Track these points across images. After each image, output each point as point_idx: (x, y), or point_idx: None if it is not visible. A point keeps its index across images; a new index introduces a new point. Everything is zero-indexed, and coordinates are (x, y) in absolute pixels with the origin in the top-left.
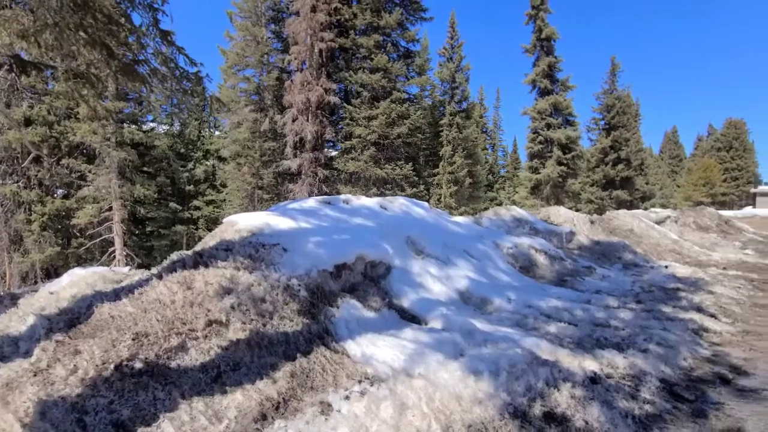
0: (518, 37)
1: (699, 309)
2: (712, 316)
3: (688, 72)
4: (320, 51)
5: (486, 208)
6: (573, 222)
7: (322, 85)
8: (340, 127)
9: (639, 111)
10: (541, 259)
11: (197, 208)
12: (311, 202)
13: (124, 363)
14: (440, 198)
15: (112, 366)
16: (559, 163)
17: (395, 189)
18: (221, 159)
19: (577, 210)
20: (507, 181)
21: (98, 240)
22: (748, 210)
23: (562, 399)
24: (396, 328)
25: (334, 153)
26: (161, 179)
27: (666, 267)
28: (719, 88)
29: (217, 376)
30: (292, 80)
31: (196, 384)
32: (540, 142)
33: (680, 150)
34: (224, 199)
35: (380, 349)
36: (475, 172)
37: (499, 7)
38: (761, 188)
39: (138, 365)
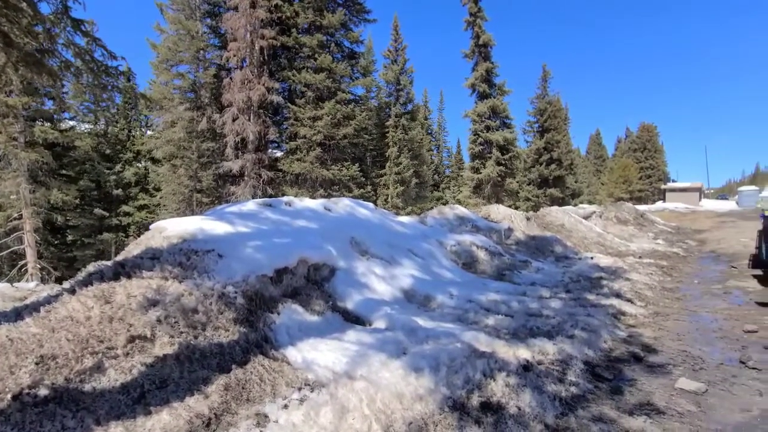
0: (459, 43)
1: (618, 295)
2: (629, 300)
3: (609, 79)
4: (261, 48)
5: (432, 208)
6: (511, 219)
7: (264, 84)
8: (284, 127)
9: (568, 115)
10: (482, 255)
11: (127, 214)
12: (251, 205)
13: (25, 391)
14: (387, 198)
15: (9, 396)
16: (498, 164)
17: (342, 190)
18: (154, 160)
19: (516, 207)
20: (452, 181)
21: (6, 252)
22: (659, 204)
23: (498, 388)
24: (339, 330)
25: (279, 154)
26: (84, 183)
27: (591, 258)
28: (635, 94)
29: (140, 397)
30: (231, 78)
31: (115, 407)
32: (480, 144)
33: (603, 151)
34: (159, 204)
35: (322, 354)
36: (421, 173)
37: (440, 13)
38: (670, 185)
39: (43, 392)
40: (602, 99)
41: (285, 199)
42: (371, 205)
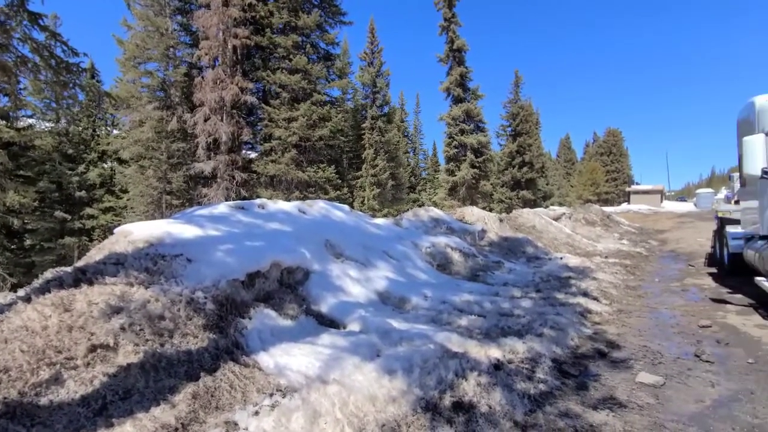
0: (435, 47)
1: (585, 294)
2: (595, 299)
3: (578, 85)
4: (234, 48)
5: (408, 210)
6: (484, 221)
7: (237, 84)
8: (258, 128)
9: (539, 119)
10: (456, 256)
11: (92, 217)
12: (222, 208)
13: None
14: (364, 200)
15: None
16: (473, 166)
17: (318, 192)
18: (121, 161)
19: (490, 209)
20: (428, 183)
21: None
22: (624, 206)
23: (470, 387)
24: (313, 334)
25: (253, 155)
26: (44, 184)
27: (561, 258)
28: (603, 100)
29: (101, 409)
30: (203, 77)
31: (74, 420)
32: (455, 147)
33: (572, 154)
34: (126, 206)
35: (295, 358)
36: (397, 175)
37: (416, 17)
38: (634, 187)
39: None
40: (571, 105)
41: (258, 201)
42: (346, 207)
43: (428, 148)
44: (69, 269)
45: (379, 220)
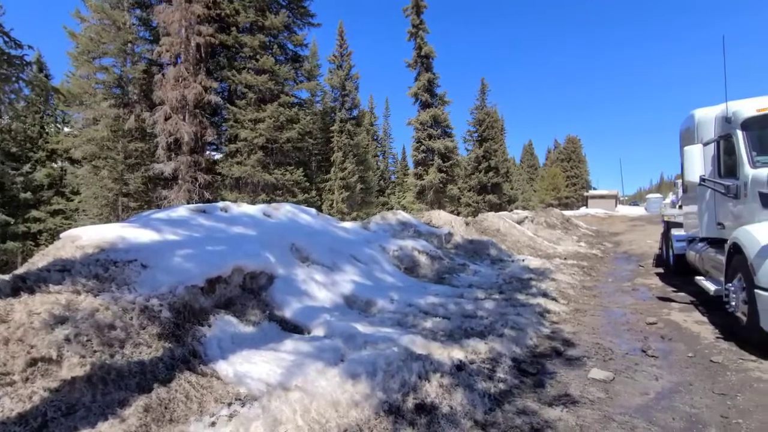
0: (404, 52)
1: (545, 294)
2: (554, 299)
3: (541, 94)
4: (198, 45)
5: (377, 213)
6: (451, 224)
7: (201, 83)
8: (223, 128)
9: (504, 126)
10: (423, 259)
11: (38, 220)
12: (181, 211)
13: None
14: (333, 203)
15: None
16: (440, 171)
17: (286, 195)
18: (73, 161)
19: (457, 213)
20: (397, 187)
21: None
22: (583, 210)
23: (432, 389)
24: (276, 340)
25: (217, 156)
26: None
27: (523, 260)
28: (563, 109)
29: (41, 427)
30: (164, 74)
31: None
32: (423, 151)
33: (535, 160)
34: (77, 209)
35: (256, 366)
36: (366, 178)
37: (386, 22)
38: (591, 192)
39: None
40: (534, 112)
41: (220, 204)
42: (314, 210)
43: (398, 152)
44: (7, 277)
45: (347, 224)
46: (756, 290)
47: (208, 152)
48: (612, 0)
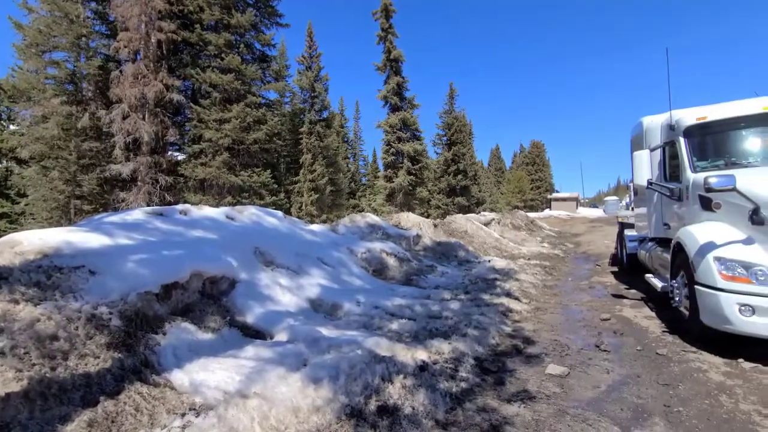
0: (373, 56)
1: (508, 294)
2: (517, 298)
3: (507, 99)
4: (159, 42)
5: (346, 216)
6: (420, 226)
7: (162, 81)
8: (187, 129)
9: (472, 130)
10: (391, 261)
11: None
12: (137, 214)
13: None
14: (302, 206)
15: None
16: (409, 173)
17: (253, 197)
18: (19, 161)
19: (427, 215)
20: (368, 189)
21: None
22: (546, 212)
23: (395, 390)
24: (237, 347)
25: (181, 157)
26: None
27: (489, 261)
28: (528, 114)
29: None
30: (122, 71)
31: None
32: (392, 154)
33: (502, 164)
34: (23, 212)
35: (213, 374)
36: (336, 180)
37: (355, 25)
38: (554, 195)
39: None
40: (501, 117)
41: (180, 207)
42: (280, 213)
43: (368, 155)
44: None
45: (315, 227)
46: (696, 286)
47: (170, 153)
48: (575, 11)
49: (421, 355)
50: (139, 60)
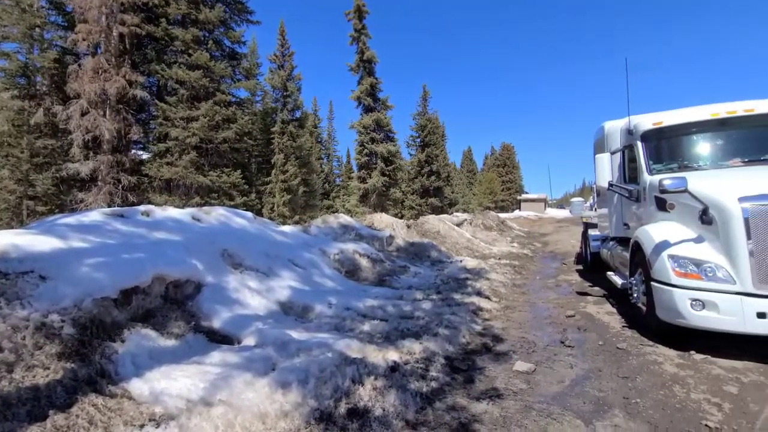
0: (346, 56)
1: (479, 293)
2: (487, 297)
3: (479, 102)
4: (121, 35)
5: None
6: (393, 227)
7: (124, 76)
8: (151, 127)
9: (445, 132)
10: (364, 262)
11: None
12: (95, 216)
13: None
14: (273, 207)
15: None
16: (383, 174)
17: (223, 198)
18: None
19: (401, 216)
20: (342, 190)
21: None
22: (516, 213)
23: (366, 392)
24: (201, 353)
25: (145, 156)
26: None
27: (461, 261)
28: (499, 117)
29: None
30: (80, 65)
31: None
32: (366, 155)
33: (474, 165)
34: None
35: (176, 382)
36: (309, 181)
37: (329, 25)
38: (524, 196)
39: None
40: (473, 119)
41: (142, 208)
42: (250, 214)
43: (342, 155)
44: None
45: (286, 228)
46: (652, 283)
47: (133, 151)
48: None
49: (393, 355)
50: (99, 54)
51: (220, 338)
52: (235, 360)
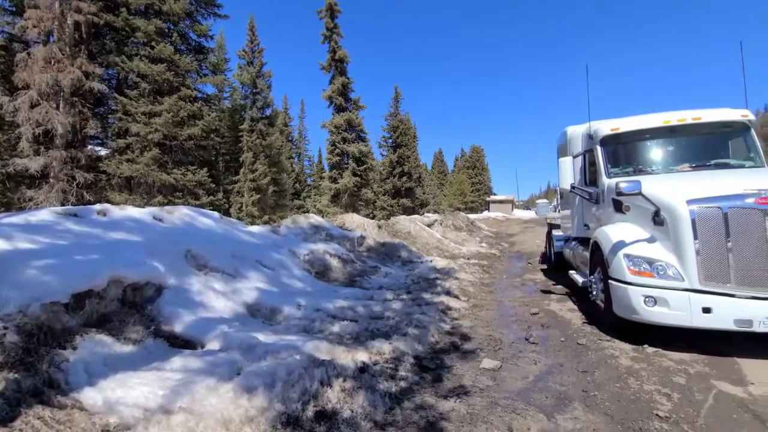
0: (318, 54)
1: (448, 292)
2: (456, 297)
3: (450, 105)
4: (77, 24)
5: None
6: (364, 227)
7: (80, 67)
8: (110, 121)
9: (416, 133)
10: (335, 263)
11: None
12: (44, 215)
13: None
14: (242, 206)
15: None
16: (355, 174)
17: (188, 197)
18: None
19: (373, 216)
20: (313, 190)
21: None
22: (485, 213)
23: (334, 394)
24: (162, 359)
25: (103, 152)
26: None
27: (431, 261)
28: (469, 120)
29: None
30: (29, 53)
31: None
32: (338, 154)
33: (445, 167)
34: None
35: (132, 390)
36: (280, 181)
37: (300, 22)
38: (492, 197)
39: None
40: (444, 122)
41: (98, 207)
42: (216, 214)
43: (314, 155)
44: None
45: (255, 228)
46: (610, 281)
47: (90, 147)
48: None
49: (362, 356)
50: (52, 42)
51: (182, 343)
52: (197, 365)
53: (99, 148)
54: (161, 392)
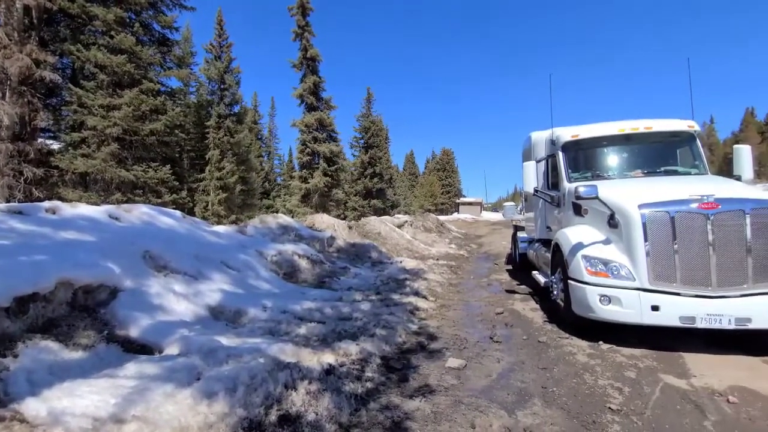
0: (289, 52)
1: (416, 293)
2: (424, 297)
3: (421, 107)
4: (27, 8)
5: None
6: (334, 228)
7: (30, 54)
8: (64, 113)
9: (388, 135)
10: (303, 264)
11: None
12: None
13: None
14: (208, 205)
15: None
16: (325, 174)
17: (149, 195)
18: None
19: (344, 217)
20: (283, 189)
21: None
22: (455, 215)
23: (299, 398)
24: (115, 365)
25: (56, 146)
26: None
27: (401, 262)
28: (439, 122)
29: None
30: None
31: None
32: (308, 154)
33: (416, 169)
34: None
35: (81, 399)
36: (248, 179)
37: (271, 18)
38: (462, 199)
39: None
40: (415, 124)
41: (47, 204)
42: (178, 213)
43: (284, 153)
44: None
45: (220, 228)
46: (569, 281)
47: (40, 140)
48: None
49: (328, 358)
50: None
51: (139, 348)
52: (154, 371)
53: (51, 141)
54: (113, 400)
